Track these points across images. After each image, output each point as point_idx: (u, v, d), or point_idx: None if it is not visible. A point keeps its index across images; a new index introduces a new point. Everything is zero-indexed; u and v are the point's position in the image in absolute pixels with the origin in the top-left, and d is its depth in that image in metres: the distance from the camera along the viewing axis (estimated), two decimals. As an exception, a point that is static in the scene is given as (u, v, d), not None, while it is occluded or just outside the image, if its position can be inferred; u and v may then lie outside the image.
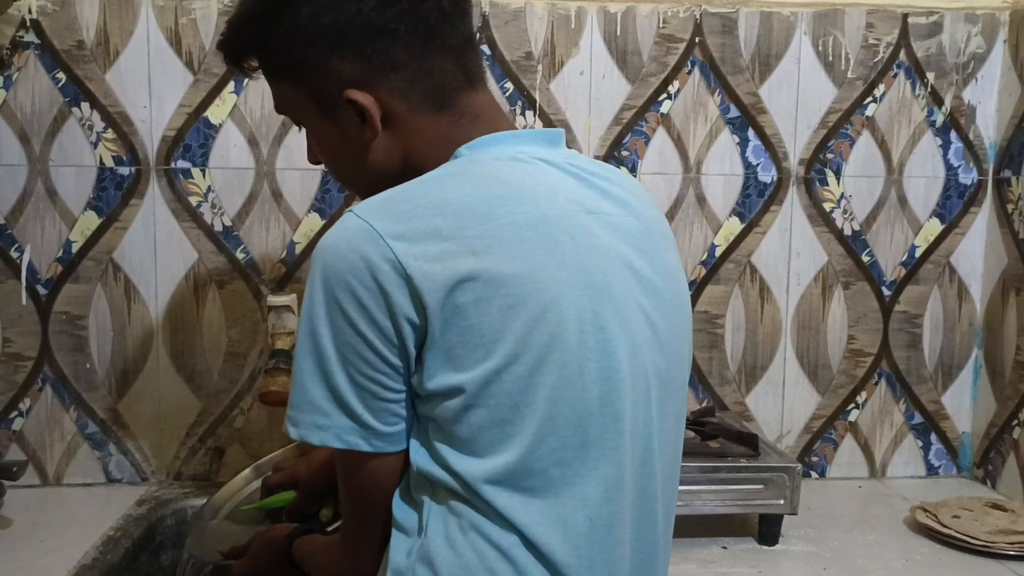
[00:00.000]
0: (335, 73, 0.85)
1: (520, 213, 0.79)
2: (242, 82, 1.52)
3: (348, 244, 0.77)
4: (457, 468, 0.78)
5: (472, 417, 0.77)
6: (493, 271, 0.76)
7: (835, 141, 1.64)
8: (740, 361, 1.66)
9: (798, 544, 1.39)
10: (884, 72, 1.63)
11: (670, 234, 0.94)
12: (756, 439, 1.41)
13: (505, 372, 0.76)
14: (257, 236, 1.56)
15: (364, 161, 0.89)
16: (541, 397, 0.77)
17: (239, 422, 1.59)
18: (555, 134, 0.91)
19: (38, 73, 1.50)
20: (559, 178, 0.85)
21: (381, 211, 0.78)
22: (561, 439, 0.78)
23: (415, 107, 0.86)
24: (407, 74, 0.85)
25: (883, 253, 1.67)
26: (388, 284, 0.75)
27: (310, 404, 0.80)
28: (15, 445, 1.55)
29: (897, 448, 1.71)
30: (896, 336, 1.69)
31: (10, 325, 1.53)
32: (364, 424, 0.80)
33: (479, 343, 0.76)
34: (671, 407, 0.89)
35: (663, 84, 1.60)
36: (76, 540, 1.32)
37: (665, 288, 0.88)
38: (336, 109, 0.87)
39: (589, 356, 0.79)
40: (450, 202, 0.78)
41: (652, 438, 0.85)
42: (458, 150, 0.85)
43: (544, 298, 0.77)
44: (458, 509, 0.79)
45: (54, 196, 1.52)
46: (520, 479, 0.78)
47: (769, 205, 1.64)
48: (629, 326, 0.82)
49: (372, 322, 0.77)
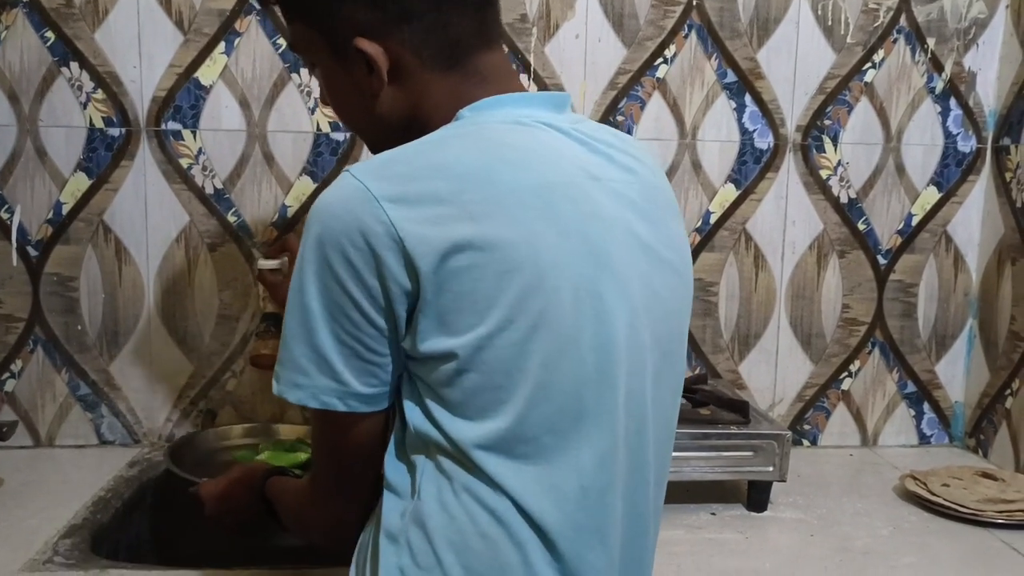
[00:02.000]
0: (348, 19, 0.83)
1: (523, 179, 0.77)
2: (233, 42, 1.51)
3: (343, 205, 0.76)
4: (449, 430, 0.78)
5: (465, 382, 0.77)
6: (490, 237, 0.74)
7: (833, 107, 1.62)
8: (734, 329, 1.66)
9: (786, 511, 1.39)
10: (884, 37, 1.61)
11: (675, 203, 0.93)
12: (747, 406, 1.41)
13: (498, 338, 0.75)
14: (249, 199, 1.55)
15: (370, 111, 0.87)
16: (534, 364, 0.77)
17: (231, 385, 1.59)
18: (562, 98, 0.89)
19: (26, 31, 1.48)
20: (564, 143, 0.83)
21: (378, 172, 0.77)
22: (556, 407, 0.78)
23: (426, 62, 0.84)
24: (421, 25, 0.83)
25: (879, 221, 1.66)
26: (380, 247, 0.74)
27: (292, 362, 0.80)
28: (7, 406, 1.55)
29: (889, 417, 1.71)
30: (891, 305, 1.68)
31: (1, 286, 1.53)
32: (343, 382, 0.79)
33: (472, 308, 0.75)
34: (668, 377, 0.88)
35: (659, 48, 1.58)
36: (67, 500, 1.33)
37: (669, 258, 0.87)
38: (347, 55, 0.85)
39: (585, 324, 0.78)
40: (451, 165, 0.77)
41: (646, 407, 0.84)
42: (461, 111, 0.83)
43: (541, 264, 0.76)
44: (451, 471, 0.78)
45: (44, 157, 1.51)
46: (512, 445, 0.77)
47: (765, 172, 1.62)
48: (629, 295, 0.81)
49: (360, 283, 0.76)
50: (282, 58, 1.52)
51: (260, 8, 1.50)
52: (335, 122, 1.54)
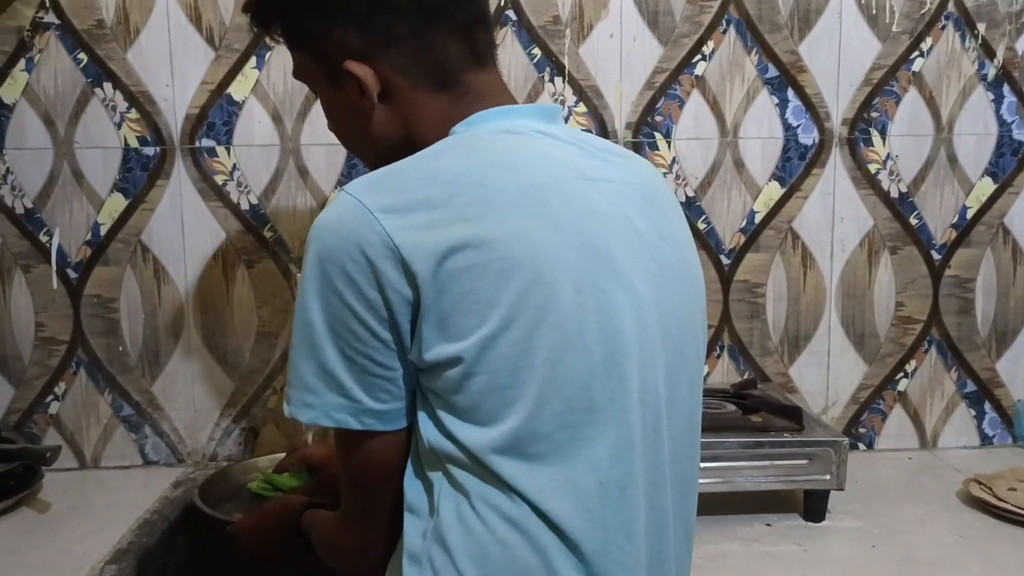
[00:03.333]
0: (339, 43, 0.86)
1: (512, 179, 0.78)
2: (264, 57, 1.49)
3: (339, 220, 0.77)
4: (462, 438, 0.77)
5: (472, 386, 0.76)
6: (485, 236, 0.75)
7: (880, 99, 1.56)
8: (782, 331, 1.61)
9: (845, 520, 1.34)
10: (931, 24, 1.55)
11: (677, 204, 0.93)
12: (800, 412, 1.36)
13: (501, 337, 0.75)
14: (284, 213, 1.54)
15: (366, 132, 0.89)
16: (539, 360, 0.76)
17: (272, 402, 1.57)
18: (552, 109, 0.91)
19: (59, 54, 1.48)
20: (556, 147, 0.84)
21: (371, 186, 0.78)
22: (566, 402, 0.77)
23: (416, 83, 0.86)
24: (407, 49, 0.85)
25: (932, 215, 1.60)
26: (376, 257, 0.75)
27: (300, 381, 0.80)
28: (52, 429, 1.56)
29: (948, 418, 1.65)
30: (947, 302, 1.62)
31: (42, 310, 1.53)
32: (354, 399, 0.79)
33: (474, 309, 0.75)
34: (683, 372, 0.86)
35: (697, 45, 1.53)
36: (113, 524, 1.32)
37: (672, 254, 0.86)
38: (340, 79, 0.87)
39: (589, 317, 0.77)
40: (441, 171, 0.78)
41: (661, 403, 0.83)
42: (453, 128, 0.85)
43: (538, 261, 0.76)
44: (467, 484, 0.78)
45: (80, 179, 1.51)
46: (525, 445, 0.77)
47: (811, 168, 1.57)
48: (633, 288, 0.81)
49: (361, 296, 0.76)
50: (313, 71, 1.50)
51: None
52: (369, 133, 1.52)
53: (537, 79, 1.52)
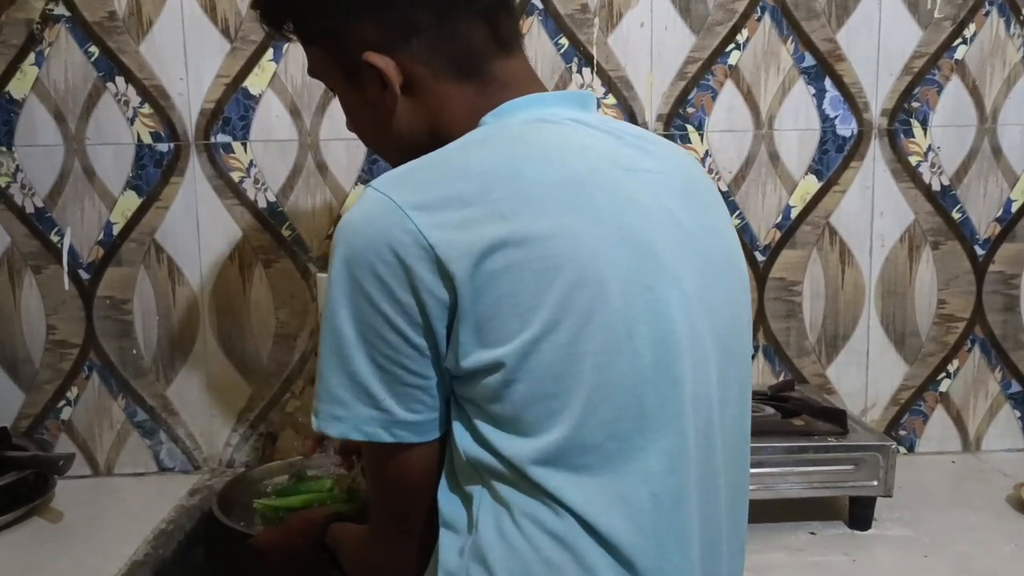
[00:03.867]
0: (356, 35, 0.81)
1: (548, 171, 0.73)
2: (281, 49, 1.44)
3: (367, 219, 0.72)
4: (503, 450, 0.72)
5: (514, 394, 0.71)
6: (524, 234, 0.70)
7: (921, 88, 1.50)
8: (820, 330, 1.55)
9: (893, 528, 1.28)
10: (975, 10, 1.49)
11: (717, 193, 0.88)
12: (844, 415, 1.31)
13: (544, 341, 0.70)
14: (303, 211, 1.48)
15: (388, 127, 0.84)
16: (587, 365, 0.71)
17: (291, 406, 1.52)
18: (585, 96, 0.85)
19: (70, 47, 1.43)
20: (592, 136, 0.80)
21: (400, 182, 0.74)
22: (615, 410, 0.72)
23: (439, 73, 0.81)
24: (428, 38, 0.80)
25: (975, 209, 1.53)
26: (410, 258, 0.70)
27: (329, 394, 0.75)
28: (64, 435, 1.51)
29: (993, 419, 1.59)
30: (991, 299, 1.56)
31: (54, 312, 1.48)
32: (386, 411, 0.74)
33: (514, 312, 0.70)
34: (733, 374, 0.82)
35: (731, 33, 1.47)
36: (128, 535, 1.27)
37: (716, 247, 0.82)
38: (359, 73, 0.82)
39: (638, 318, 0.72)
40: (472, 166, 0.73)
41: (712, 407, 0.78)
42: (483, 118, 0.80)
43: (581, 258, 0.71)
44: (508, 497, 0.73)
45: (92, 176, 1.46)
46: (573, 456, 0.72)
47: (849, 161, 1.51)
48: (681, 285, 0.76)
49: (394, 300, 0.71)
50: (332, 63, 1.45)
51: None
52: (390, 127, 1.46)
53: (564, 70, 1.46)
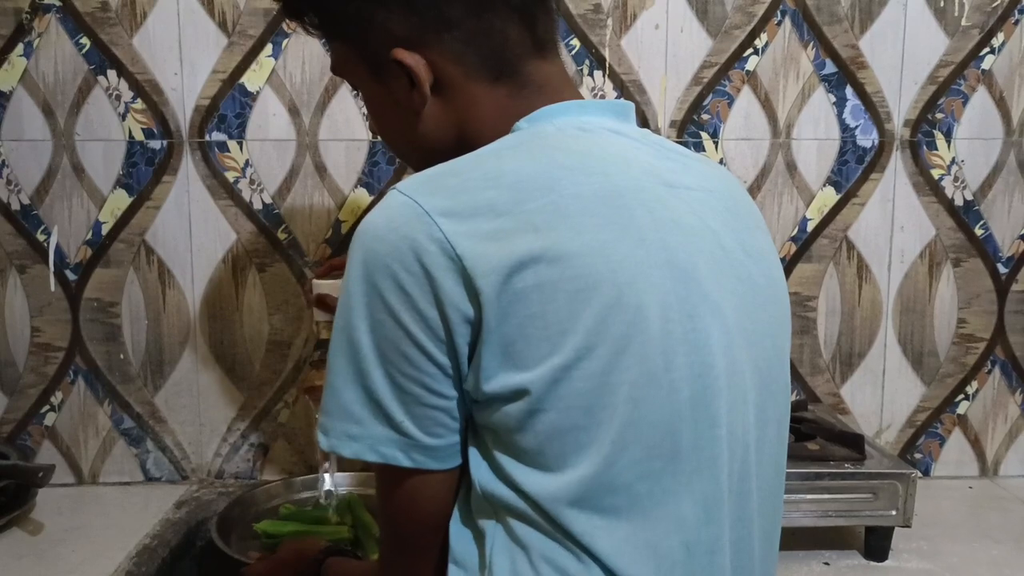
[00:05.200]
0: (383, 29, 0.76)
1: (587, 184, 0.68)
2: (280, 44, 1.38)
3: (390, 224, 0.66)
4: (524, 486, 0.66)
5: (539, 424, 0.65)
6: (558, 250, 0.64)
7: (946, 99, 1.44)
8: (835, 348, 1.49)
9: (911, 560, 1.23)
10: (1004, 19, 1.43)
11: (759, 214, 0.82)
12: (862, 440, 1.25)
13: (576, 369, 0.64)
14: (300, 214, 1.42)
15: (414, 130, 0.79)
16: (620, 398, 0.65)
17: (283, 416, 1.46)
18: (625, 106, 0.80)
19: (60, 39, 1.37)
20: (633, 147, 0.74)
21: (427, 186, 0.68)
22: (646, 448, 0.66)
23: (471, 73, 0.76)
24: (461, 34, 0.75)
25: (999, 226, 1.48)
26: (435, 268, 0.64)
27: (342, 410, 0.69)
28: (48, 441, 1.45)
29: (1012, 444, 1.53)
30: (1013, 319, 1.50)
31: (39, 313, 1.42)
32: (404, 433, 0.68)
33: (544, 335, 0.64)
34: (772, 411, 0.76)
35: (749, 37, 1.42)
36: (110, 549, 1.22)
37: (759, 272, 0.75)
38: (385, 70, 0.77)
39: (676, 349, 0.67)
40: (505, 174, 0.68)
41: (750, 449, 0.72)
42: (517, 123, 0.75)
43: (619, 280, 0.65)
44: (527, 537, 0.67)
45: (81, 173, 1.40)
46: (600, 497, 0.66)
47: (869, 173, 1.45)
48: (722, 314, 0.70)
49: (416, 313, 0.65)
50: (334, 60, 1.39)
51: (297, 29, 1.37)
52: (392, 128, 1.41)
53: (575, 72, 1.40)
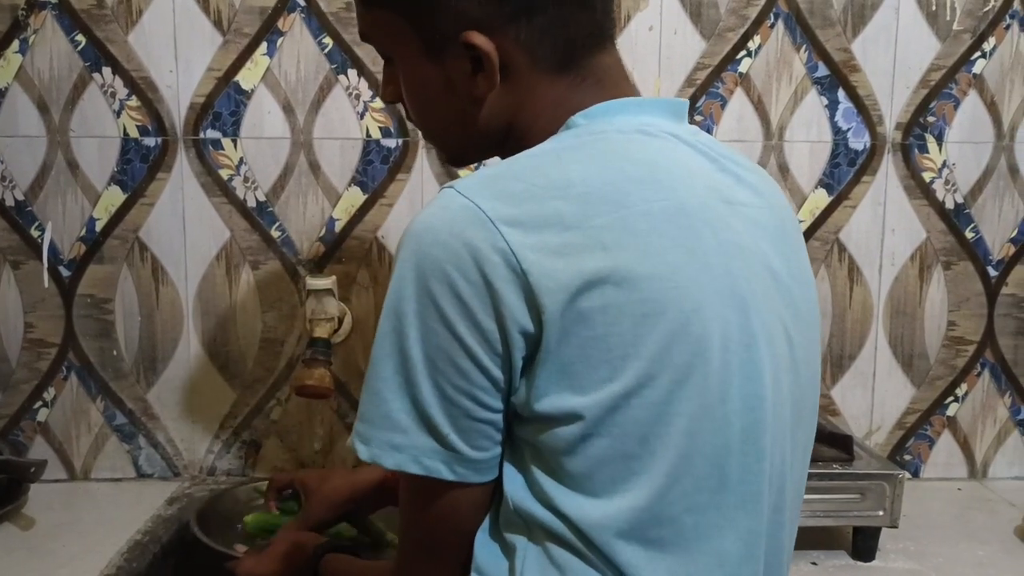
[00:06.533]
0: (458, 11, 0.70)
1: (655, 200, 0.65)
2: (275, 43, 1.39)
3: (450, 227, 0.62)
4: (565, 508, 0.64)
5: (591, 449, 0.63)
6: (626, 271, 0.62)
7: (937, 103, 1.45)
8: (825, 350, 1.50)
9: (897, 560, 1.24)
10: (995, 23, 1.44)
11: (801, 234, 0.80)
12: (850, 441, 1.26)
13: (636, 397, 0.63)
14: (294, 212, 1.43)
15: (464, 117, 0.74)
16: (677, 428, 0.63)
17: (276, 414, 1.47)
18: (680, 105, 0.76)
19: (56, 35, 1.37)
20: (693, 158, 0.71)
21: (488, 188, 0.64)
22: (696, 481, 0.64)
23: (538, 63, 0.72)
24: (542, 21, 0.70)
25: (990, 229, 1.48)
26: (497, 280, 0.61)
27: (386, 419, 0.66)
28: (40, 437, 1.45)
29: (1000, 446, 1.54)
30: (1003, 322, 1.51)
31: (32, 309, 1.43)
32: (450, 447, 0.66)
33: (604, 359, 0.62)
34: (802, 438, 0.75)
35: (742, 40, 1.42)
36: (101, 545, 1.22)
37: (801, 296, 0.74)
38: (445, 51, 0.72)
39: (732, 381, 0.65)
40: (573, 183, 0.64)
41: (785, 480, 0.71)
42: (572, 119, 0.71)
43: (685, 307, 0.63)
44: (565, 563, 0.65)
45: (76, 170, 1.40)
46: (648, 528, 0.64)
47: (861, 175, 1.46)
48: (773, 344, 0.68)
49: (474, 325, 0.63)
50: (328, 59, 1.39)
51: (292, 28, 1.38)
52: (386, 127, 1.41)
53: (569, 73, 1.41)
